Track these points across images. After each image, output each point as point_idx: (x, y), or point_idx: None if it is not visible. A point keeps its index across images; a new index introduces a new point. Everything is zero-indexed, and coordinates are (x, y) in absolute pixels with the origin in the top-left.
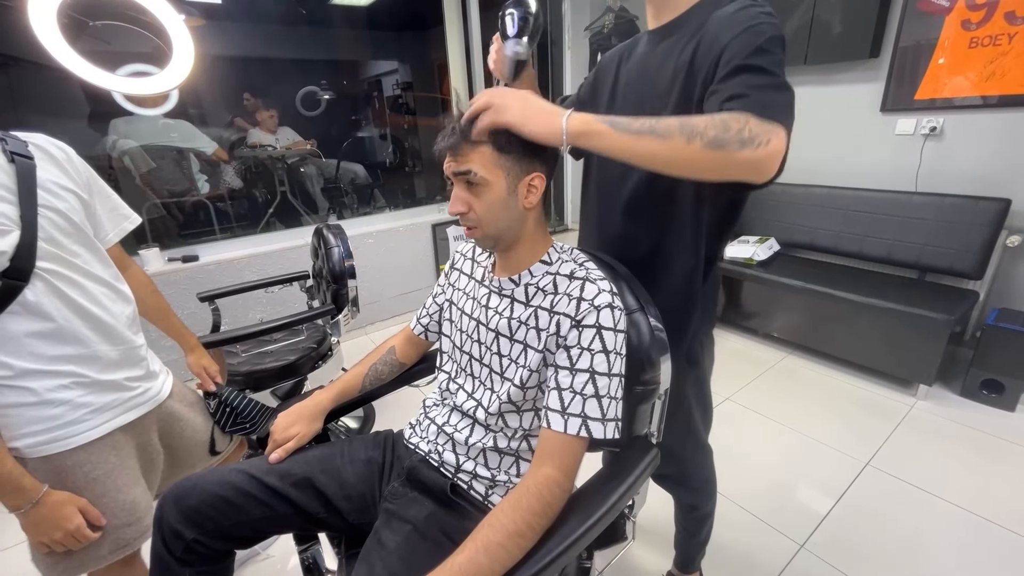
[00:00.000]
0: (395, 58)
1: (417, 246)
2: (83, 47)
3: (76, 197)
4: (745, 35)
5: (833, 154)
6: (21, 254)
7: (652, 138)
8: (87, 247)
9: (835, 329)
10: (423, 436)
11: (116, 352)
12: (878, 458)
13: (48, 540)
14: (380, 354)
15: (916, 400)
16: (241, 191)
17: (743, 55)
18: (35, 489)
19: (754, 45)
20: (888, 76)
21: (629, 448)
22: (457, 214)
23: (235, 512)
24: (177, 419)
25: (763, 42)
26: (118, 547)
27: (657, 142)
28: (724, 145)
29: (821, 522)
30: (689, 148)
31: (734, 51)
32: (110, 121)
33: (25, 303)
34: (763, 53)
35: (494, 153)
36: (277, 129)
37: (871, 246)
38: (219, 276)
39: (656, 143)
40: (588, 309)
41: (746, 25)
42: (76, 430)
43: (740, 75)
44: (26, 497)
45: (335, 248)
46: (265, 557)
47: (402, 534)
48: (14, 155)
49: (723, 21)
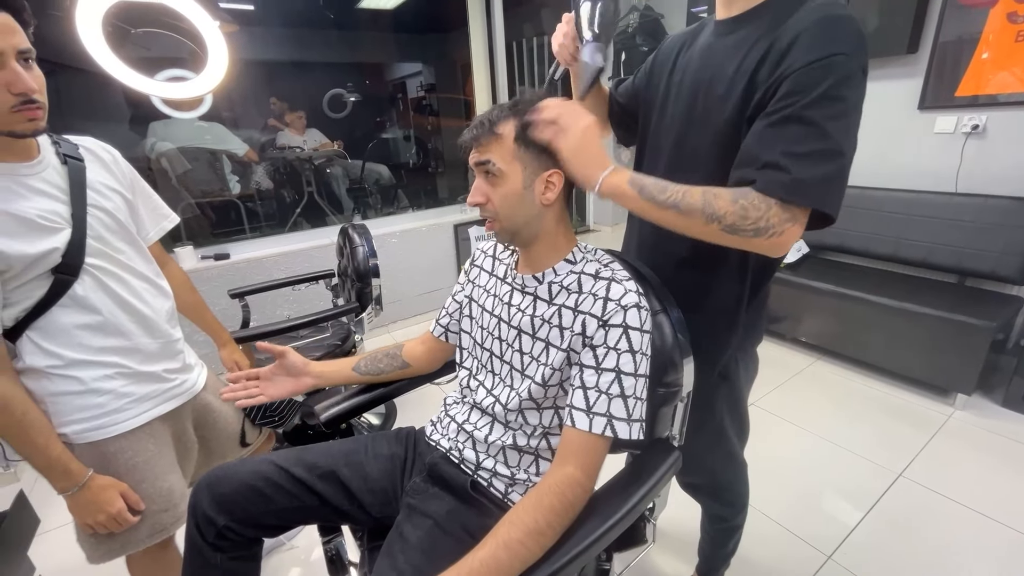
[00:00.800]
0: (419, 60)
1: (439, 246)
2: (125, 54)
3: (122, 197)
4: (817, 69)
5: (866, 153)
6: (72, 251)
7: (675, 213)
8: (131, 244)
9: (867, 334)
10: (444, 433)
11: (156, 345)
12: (912, 469)
13: (92, 522)
14: (387, 348)
15: (954, 410)
16: (270, 191)
17: (804, 98)
18: (81, 473)
19: (820, 88)
20: (927, 72)
21: (651, 450)
22: (475, 204)
23: (264, 501)
24: (211, 410)
25: (830, 85)
26: (156, 531)
27: (679, 217)
28: (739, 232)
29: (850, 533)
30: (707, 228)
31: (797, 86)
32: (149, 124)
33: (75, 297)
34: (826, 102)
35: (514, 146)
36: (305, 131)
37: (907, 249)
38: (249, 274)
39: (678, 218)
40: (615, 309)
41: (822, 54)
42: (119, 418)
43: (789, 126)
44: (73, 480)
45: (360, 247)
46: (290, 547)
47: (423, 528)
48: (66, 157)
49: (803, 37)
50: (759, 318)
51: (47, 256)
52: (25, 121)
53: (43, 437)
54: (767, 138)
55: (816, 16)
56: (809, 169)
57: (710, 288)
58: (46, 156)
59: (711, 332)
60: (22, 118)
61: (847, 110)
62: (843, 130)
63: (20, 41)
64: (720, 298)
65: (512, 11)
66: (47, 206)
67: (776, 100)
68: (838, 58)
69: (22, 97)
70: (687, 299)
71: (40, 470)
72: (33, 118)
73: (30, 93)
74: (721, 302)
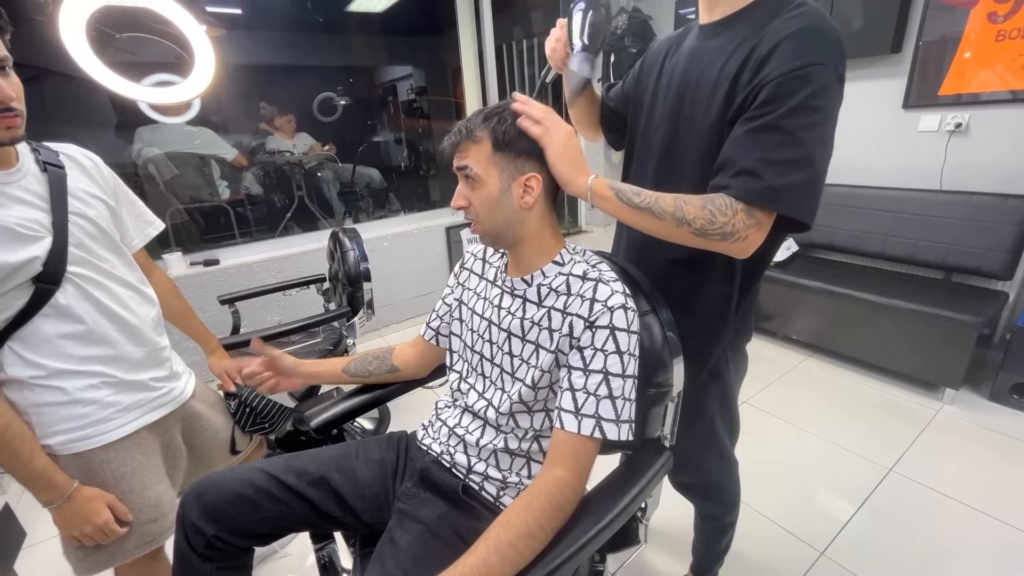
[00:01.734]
0: (409, 63)
1: (431, 249)
2: (110, 59)
3: (104, 204)
4: (796, 79)
5: (853, 152)
6: (53, 259)
7: (648, 216)
8: (114, 252)
9: (857, 331)
10: (435, 437)
11: (142, 353)
12: (902, 463)
13: (78, 534)
14: (377, 351)
15: (942, 404)
16: (260, 196)
17: (782, 107)
18: (66, 485)
19: (797, 97)
20: (911, 71)
21: (642, 451)
22: (458, 208)
23: (254, 509)
24: (199, 418)
25: (807, 95)
26: (144, 542)
27: (652, 220)
28: (707, 235)
29: (842, 529)
30: (678, 231)
31: (776, 94)
32: (136, 130)
33: (57, 306)
34: (802, 112)
35: (491, 151)
36: (295, 135)
37: (894, 246)
38: (239, 279)
39: (650, 221)
40: (601, 310)
41: (802, 63)
42: (104, 428)
43: (767, 134)
44: (58, 492)
45: (351, 251)
46: (283, 555)
47: (414, 534)
48: (47, 164)
49: (783, 45)
50: (748, 317)
51: (27, 265)
52: (2, 129)
53: (27, 449)
54: (744, 144)
55: (797, 25)
56: (782, 177)
57: (699, 288)
58: (25, 164)
59: (701, 332)
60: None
61: (823, 120)
62: (818, 140)
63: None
64: (709, 298)
65: (502, 14)
66: (27, 214)
67: (755, 107)
68: (817, 68)
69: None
70: (677, 299)
71: (24, 483)
72: (11, 126)
73: (7, 101)
74: (710, 302)
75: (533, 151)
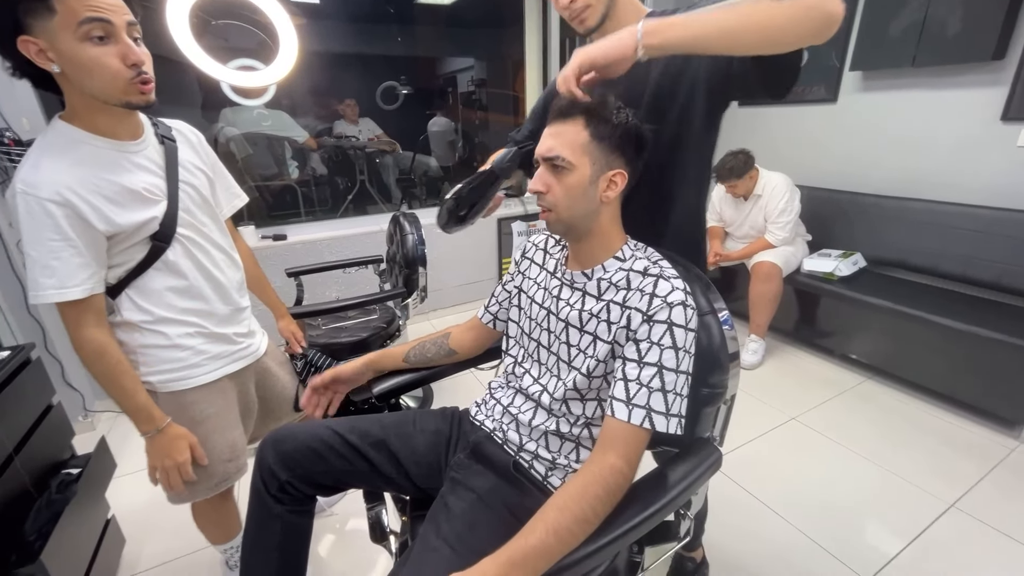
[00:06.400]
0: (471, 55)
1: (483, 239)
2: (205, 43)
3: (205, 176)
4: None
5: (936, 165)
6: (167, 221)
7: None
8: (212, 219)
9: (926, 357)
10: (488, 415)
11: (228, 310)
12: (966, 500)
13: (160, 465)
14: (434, 336)
15: (1019, 444)
16: (324, 178)
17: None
18: (161, 419)
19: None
20: (1014, 80)
21: (692, 448)
22: (536, 192)
23: (321, 462)
24: (270, 374)
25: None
26: (223, 479)
27: (751, 5)
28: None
29: (891, 560)
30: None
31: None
32: (220, 110)
33: (166, 262)
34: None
35: (588, 138)
36: (359, 120)
37: (977, 269)
38: (304, 254)
39: (750, 6)
40: (660, 305)
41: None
42: (196, 372)
43: None
44: (154, 424)
45: (410, 235)
46: (330, 514)
47: (467, 501)
48: (163, 138)
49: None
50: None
51: (148, 224)
52: (138, 93)
53: (132, 383)
54: None
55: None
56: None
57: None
58: (148, 136)
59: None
60: (136, 89)
61: None
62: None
63: (129, 15)
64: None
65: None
66: (150, 180)
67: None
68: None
69: (136, 69)
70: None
71: (128, 412)
72: (145, 91)
73: (142, 64)
74: (681, 216)
75: (624, 147)
